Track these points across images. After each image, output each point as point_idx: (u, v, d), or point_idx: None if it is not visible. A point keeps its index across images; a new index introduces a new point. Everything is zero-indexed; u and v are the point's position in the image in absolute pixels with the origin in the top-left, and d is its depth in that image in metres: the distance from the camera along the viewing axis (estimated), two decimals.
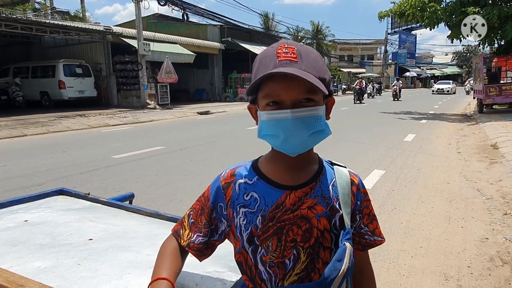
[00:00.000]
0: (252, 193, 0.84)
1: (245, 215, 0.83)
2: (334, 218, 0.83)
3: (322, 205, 0.83)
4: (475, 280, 2.54)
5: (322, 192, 0.84)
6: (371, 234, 0.91)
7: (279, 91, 0.76)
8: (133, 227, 1.34)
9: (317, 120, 0.78)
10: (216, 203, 0.87)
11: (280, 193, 0.82)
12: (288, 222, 0.81)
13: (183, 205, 3.98)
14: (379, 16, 16.32)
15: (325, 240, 0.83)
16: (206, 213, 0.87)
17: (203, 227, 0.87)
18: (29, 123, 11.20)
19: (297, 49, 0.78)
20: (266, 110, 0.78)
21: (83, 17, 25.61)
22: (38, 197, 1.61)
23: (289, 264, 0.81)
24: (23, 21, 14.64)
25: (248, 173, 0.86)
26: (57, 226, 1.32)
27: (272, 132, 0.78)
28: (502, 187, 4.68)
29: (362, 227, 0.90)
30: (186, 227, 0.89)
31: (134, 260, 1.08)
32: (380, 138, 8.77)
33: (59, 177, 5.17)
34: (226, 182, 0.87)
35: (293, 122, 0.75)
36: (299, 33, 40.99)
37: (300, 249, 0.81)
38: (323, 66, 0.80)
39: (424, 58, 63.18)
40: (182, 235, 0.88)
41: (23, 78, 16.80)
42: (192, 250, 0.87)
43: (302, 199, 0.82)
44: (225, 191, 0.86)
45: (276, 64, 0.76)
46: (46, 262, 1.05)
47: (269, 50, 0.80)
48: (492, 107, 14.57)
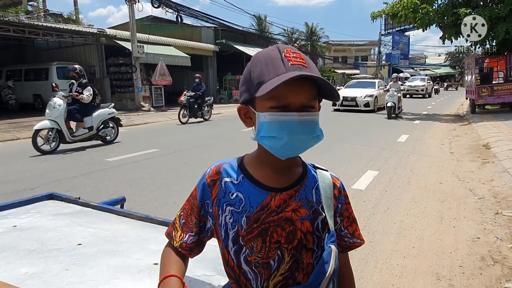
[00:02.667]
0: (237, 193, 0.84)
1: (232, 214, 0.84)
2: (317, 220, 0.85)
3: (306, 208, 0.84)
4: (466, 279, 2.56)
5: (306, 195, 0.85)
6: (350, 236, 0.93)
7: (288, 94, 0.76)
8: (124, 231, 1.34)
9: (316, 125, 0.80)
10: (203, 200, 0.87)
11: (265, 195, 0.83)
12: (273, 223, 0.82)
13: (178, 208, 3.91)
14: (371, 17, 16.41)
15: (307, 242, 0.84)
16: (195, 212, 0.88)
17: (194, 226, 0.87)
18: (22, 127, 11.11)
19: (303, 55, 0.80)
20: (270, 112, 0.77)
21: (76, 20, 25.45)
22: (27, 202, 1.60)
23: (274, 264, 0.82)
24: (16, 24, 14.51)
25: (233, 172, 0.87)
26: (46, 231, 1.31)
27: (274, 134, 0.78)
28: (494, 186, 4.72)
29: (342, 230, 0.92)
30: (178, 228, 0.89)
31: (123, 264, 1.08)
32: (374, 139, 8.81)
33: (52, 181, 5.13)
34: (212, 179, 0.87)
35: (298, 125, 0.76)
36: (293, 34, 41.07)
37: (284, 250, 0.82)
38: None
39: (417, 59, 63.59)
40: (175, 236, 0.89)
41: (16, 81, 16.66)
42: (185, 250, 0.87)
43: (287, 202, 0.83)
44: (211, 188, 0.86)
45: (289, 67, 0.76)
46: (34, 268, 1.05)
47: (271, 52, 0.79)
48: (484, 107, 14.70)
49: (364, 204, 4.10)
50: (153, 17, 24.63)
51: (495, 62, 15.11)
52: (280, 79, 0.73)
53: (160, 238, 1.27)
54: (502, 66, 14.77)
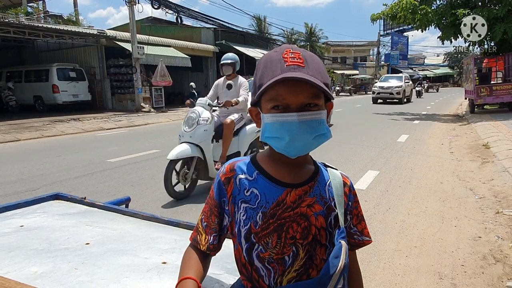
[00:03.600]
0: (252, 189, 0.85)
1: (246, 211, 0.85)
2: (330, 216, 0.87)
3: (320, 204, 0.86)
4: (468, 278, 2.57)
5: (320, 191, 0.87)
6: (359, 234, 0.94)
7: (286, 95, 0.78)
8: (130, 231, 1.35)
9: (320, 123, 0.80)
10: (220, 198, 0.89)
11: (281, 191, 0.84)
12: (289, 219, 0.84)
13: (180, 208, 3.98)
14: (371, 19, 16.47)
15: (321, 237, 0.86)
16: (215, 211, 0.89)
17: (216, 226, 0.89)
18: (22, 128, 11.11)
19: (302, 55, 0.80)
20: (271, 113, 0.79)
21: (76, 21, 25.47)
22: (33, 202, 1.61)
23: (289, 260, 0.83)
24: (16, 25, 14.52)
25: (247, 168, 0.88)
26: (53, 231, 1.32)
27: (276, 134, 0.80)
28: (494, 186, 4.73)
29: (351, 227, 0.93)
30: (201, 231, 0.90)
31: (131, 263, 1.08)
32: (374, 139, 8.83)
33: (54, 182, 5.14)
34: (226, 177, 0.88)
35: (298, 125, 0.77)
36: (293, 35, 41.11)
37: (299, 246, 0.84)
38: (325, 71, 0.82)
39: (416, 59, 63.72)
40: (200, 240, 0.90)
41: (16, 82, 16.66)
42: (213, 252, 0.90)
43: (302, 197, 0.85)
44: (226, 186, 0.88)
45: (284, 69, 0.78)
46: (43, 267, 1.05)
47: (273, 54, 0.82)
48: (483, 107, 14.72)
49: (366, 204, 4.11)
50: (153, 18, 24.70)
51: (493, 62, 15.14)
52: (273, 82, 0.77)
53: (167, 238, 1.28)
54: (500, 66, 14.80)
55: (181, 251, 1.17)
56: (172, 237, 1.28)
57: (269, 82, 0.77)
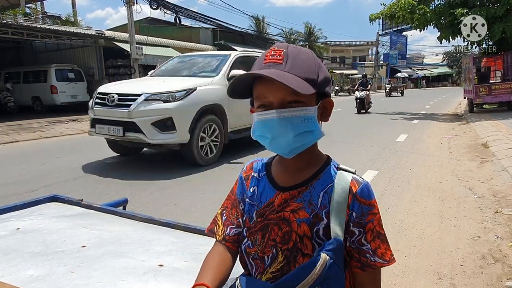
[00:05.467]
0: (254, 187, 0.89)
1: (246, 205, 0.89)
2: (317, 226, 0.80)
3: (306, 210, 0.82)
4: (467, 278, 2.57)
5: (310, 197, 0.83)
6: (372, 254, 0.81)
7: (266, 93, 0.78)
8: (127, 233, 1.34)
9: (305, 120, 0.78)
10: (242, 193, 0.91)
11: (273, 193, 0.85)
12: (273, 221, 0.84)
13: (178, 209, 3.97)
14: (370, 19, 16.48)
15: (304, 246, 0.81)
16: (236, 206, 0.91)
17: (235, 219, 0.90)
18: (21, 129, 11.08)
19: (285, 51, 0.78)
20: (257, 112, 0.80)
21: (74, 22, 25.44)
22: (30, 205, 1.60)
23: (267, 261, 0.84)
24: (14, 26, 14.50)
25: (260, 168, 0.92)
26: (50, 233, 1.31)
27: (261, 132, 0.80)
28: (493, 185, 4.73)
29: (363, 243, 0.81)
30: (219, 224, 0.92)
31: (128, 266, 1.08)
32: (373, 139, 8.83)
33: (52, 183, 5.12)
34: (246, 174, 0.93)
35: (278, 122, 0.76)
36: (292, 35, 41.13)
37: (278, 250, 0.83)
38: (314, 67, 0.79)
39: (415, 58, 63.76)
40: (217, 231, 0.92)
41: (15, 83, 16.62)
42: (229, 243, 0.89)
43: (287, 202, 0.83)
44: (246, 182, 0.92)
45: (261, 67, 0.79)
46: (39, 270, 1.05)
47: (262, 54, 0.83)
48: (482, 106, 14.74)
49: None
50: (151, 19, 24.66)
51: (492, 61, 15.16)
52: (236, 79, 0.80)
53: (164, 240, 1.28)
54: (499, 66, 14.82)
55: (177, 253, 1.16)
56: (169, 239, 1.27)
57: (236, 80, 0.80)
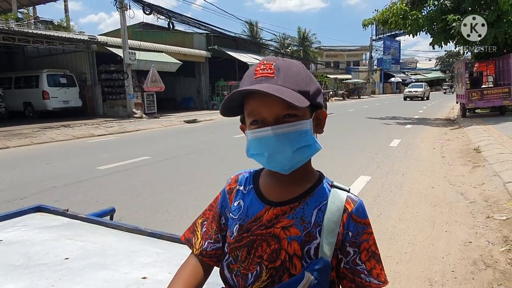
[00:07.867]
0: (239, 201, 0.85)
1: (228, 220, 0.86)
2: (309, 245, 0.77)
3: (298, 228, 0.78)
4: (459, 284, 2.56)
5: (303, 214, 0.79)
6: (367, 274, 0.78)
7: (260, 108, 0.74)
8: (112, 243, 1.32)
9: (302, 135, 0.75)
10: (223, 208, 0.88)
11: (262, 207, 0.82)
12: (260, 237, 0.80)
13: (169, 216, 3.94)
14: (363, 24, 16.61)
15: (292, 266, 0.77)
16: (216, 219, 0.88)
17: (213, 234, 0.87)
18: (12, 135, 10.96)
19: (275, 65, 0.75)
20: (251, 129, 0.77)
21: (67, 27, 25.36)
22: (14, 215, 1.57)
23: (250, 278, 0.80)
24: (6, 31, 14.41)
25: (246, 181, 0.88)
26: (33, 245, 1.29)
27: (257, 150, 0.77)
28: (485, 190, 4.76)
29: (357, 263, 0.79)
30: (198, 236, 0.89)
31: (110, 279, 1.06)
32: (366, 144, 8.86)
33: (42, 190, 5.06)
34: (230, 187, 0.89)
35: (275, 139, 0.73)
36: (286, 40, 41.34)
37: (263, 267, 0.78)
38: (306, 79, 0.77)
39: (408, 63, 64.49)
40: (195, 243, 0.88)
41: (6, 88, 16.49)
42: (206, 258, 0.86)
43: (278, 218, 0.79)
44: (229, 195, 0.88)
45: (252, 81, 0.75)
46: (19, 284, 1.03)
47: (251, 68, 0.79)
48: (474, 111, 14.89)
49: None
50: (144, 24, 24.62)
51: (484, 66, 15.35)
52: (229, 96, 0.76)
53: (149, 250, 1.25)
54: (491, 71, 15.01)
55: (162, 265, 1.14)
56: (154, 250, 1.25)
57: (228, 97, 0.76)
